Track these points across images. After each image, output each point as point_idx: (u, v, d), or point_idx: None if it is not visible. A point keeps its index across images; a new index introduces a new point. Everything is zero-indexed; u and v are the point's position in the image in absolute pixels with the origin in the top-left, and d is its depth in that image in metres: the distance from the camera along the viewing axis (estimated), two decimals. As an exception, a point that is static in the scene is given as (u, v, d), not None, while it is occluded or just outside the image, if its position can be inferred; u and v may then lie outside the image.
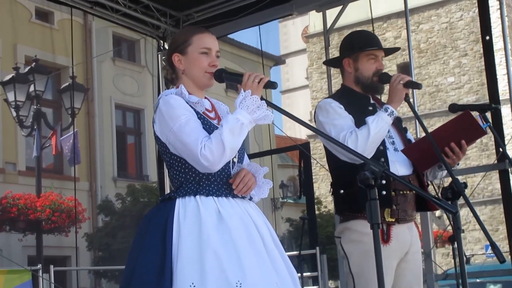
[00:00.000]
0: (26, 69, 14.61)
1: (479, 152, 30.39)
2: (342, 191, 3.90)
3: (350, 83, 4.06)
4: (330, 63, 4.42)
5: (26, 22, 18.24)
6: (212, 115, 3.35)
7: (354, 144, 3.70)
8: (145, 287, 3.01)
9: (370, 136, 3.73)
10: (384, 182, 3.73)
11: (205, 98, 3.41)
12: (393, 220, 3.82)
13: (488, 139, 26.36)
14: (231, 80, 3.28)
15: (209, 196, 3.15)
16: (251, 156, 7.72)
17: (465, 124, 3.86)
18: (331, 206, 22.28)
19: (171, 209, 3.12)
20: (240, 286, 2.94)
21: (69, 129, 15.41)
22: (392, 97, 3.86)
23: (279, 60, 29.95)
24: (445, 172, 4.09)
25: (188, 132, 3.10)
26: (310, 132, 34.38)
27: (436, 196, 3.15)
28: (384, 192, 3.74)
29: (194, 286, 2.94)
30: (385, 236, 3.80)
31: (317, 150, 31.81)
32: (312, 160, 9.86)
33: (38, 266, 7.18)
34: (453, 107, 4.02)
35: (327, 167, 4.16)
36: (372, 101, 4.03)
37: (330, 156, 3.98)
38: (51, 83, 16.76)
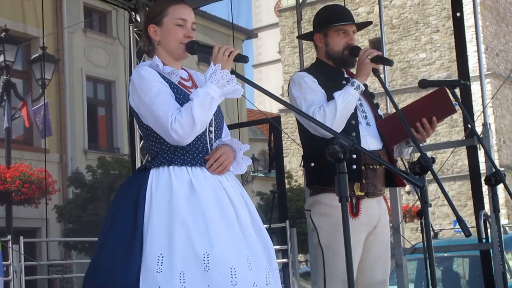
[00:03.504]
0: (-4, 39, 14.43)
1: (448, 128, 30.65)
2: (312, 164, 3.93)
3: (323, 57, 4.09)
4: (304, 37, 4.43)
5: (-4, -9, 18.00)
6: (188, 84, 3.36)
7: (322, 119, 3.72)
8: (114, 258, 3.04)
9: (337, 110, 3.77)
10: (354, 156, 3.77)
11: (182, 68, 3.43)
12: (363, 194, 3.87)
13: (458, 116, 26.56)
14: (202, 52, 3.29)
15: (183, 166, 3.17)
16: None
17: (439, 100, 3.91)
18: (301, 180, 22.39)
19: (145, 180, 3.15)
20: (208, 257, 2.97)
21: (39, 100, 15.28)
22: (359, 71, 3.90)
23: (251, 34, 29.87)
24: (411, 148, 4.16)
25: (159, 104, 3.12)
26: (281, 107, 34.41)
27: (405, 170, 3.18)
28: (354, 167, 3.78)
29: (163, 257, 2.97)
30: (354, 209, 3.85)
31: (288, 124, 31.91)
32: (283, 134, 9.88)
33: (8, 237, 7.16)
34: (423, 83, 4.06)
35: (298, 141, 4.18)
36: (346, 75, 4.06)
37: (301, 129, 4.01)
38: (21, 54, 16.60)
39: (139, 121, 3.28)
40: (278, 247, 8.95)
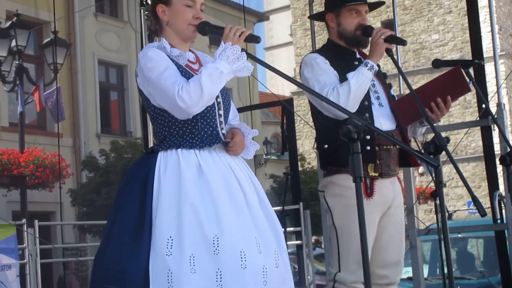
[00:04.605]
0: (8, 24, 14.41)
1: (462, 109, 30.52)
2: (326, 145, 3.93)
3: (335, 38, 4.07)
4: (316, 17, 4.41)
5: (7, -24, 17.97)
6: (195, 66, 3.34)
7: (336, 101, 3.71)
8: (123, 241, 3.04)
9: (351, 91, 3.75)
10: (368, 137, 3.76)
11: (190, 50, 3.41)
12: (377, 174, 3.86)
13: (471, 97, 26.45)
14: (214, 33, 3.27)
15: (191, 149, 3.16)
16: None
17: (453, 79, 3.89)
18: (314, 163, 22.37)
19: (153, 163, 3.15)
20: (217, 241, 2.97)
21: (51, 84, 15.28)
22: (372, 52, 3.88)
23: (262, 17, 29.72)
24: (425, 128, 4.14)
25: (166, 77, 3.10)
26: (294, 89, 34.36)
27: (419, 150, 3.17)
28: (368, 147, 3.77)
29: (172, 240, 2.97)
30: (369, 190, 3.84)
31: (301, 107, 31.85)
32: (295, 117, 9.85)
33: (23, 221, 7.18)
34: (437, 63, 4.04)
35: (311, 123, 4.17)
36: (358, 56, 4.04)
37: (315, 111, 4.00)
38: (33, 38, 16.57)
39: (147, 103, 3.26)
40: (291, 229, 8.95)
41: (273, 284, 3.04)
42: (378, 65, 3.93)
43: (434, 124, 3.67)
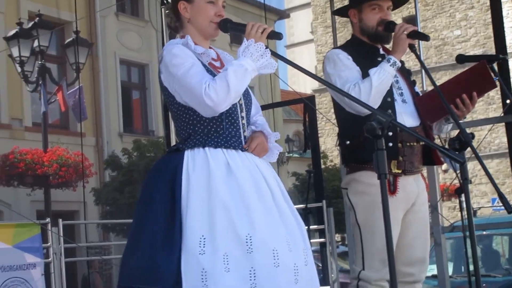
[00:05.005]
0: (30, 24, 14.49)
1: (485, 105, 30.32)
2: (348, 142, 3.90)
3: (358, 33, 4.05)
4: (338, 12, 4.39)
5: (29, -23, 18.08)
6: (217, 64, 3.33)
7: (357, 97, 3.67)
8: (154, 239, 3.02)
9: (372, 88, 3.73)
10: (391, 133, 3.73)
11: (210, 48, 3.39)
12: (400, 171, 3.83)
13: (495, 92, 26.28)
14: (235, 30, 3.25)
15: (218, 148, 3.14)
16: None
17: (478, 75, 3.84)
18: (337, 160, 22.33)
19: (180, 161, 3.12)
20: (250, 239, 2.96)
21: (74, 84, 15.36)
22: (395, 47, 3.85)
23: (283, 14, 29.71)
24: (450, 125, 4.10)
25: (193, 75, 3.09)
26: (315, 87, 34.31)
27: (444, 146, 3.14)
28: (391, 144, 3.74)
29: (205, 239, 2.95)
30: (392, 187, 3.81)
31: (323, 105, 31.79)
32: (318, 114, 9.81)
33: (47, 220, 7.21)
34: (460, 58, 4.00)
35: (333, 121, 4.15)
36: (381, 52, 4.01)
37: (337, 107, 3.98)
38: (55, 38, 16.67)
39: (171, 101, 3.24)
40: (315, 226, 8.90)
41: (302, 282, 3.02)
42: (402, 62, 3.90)
43: (460, 121, 3.63)
